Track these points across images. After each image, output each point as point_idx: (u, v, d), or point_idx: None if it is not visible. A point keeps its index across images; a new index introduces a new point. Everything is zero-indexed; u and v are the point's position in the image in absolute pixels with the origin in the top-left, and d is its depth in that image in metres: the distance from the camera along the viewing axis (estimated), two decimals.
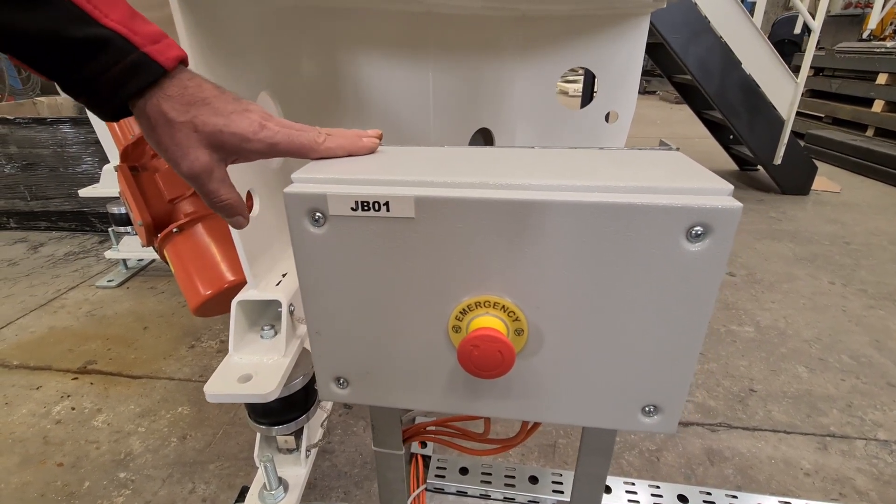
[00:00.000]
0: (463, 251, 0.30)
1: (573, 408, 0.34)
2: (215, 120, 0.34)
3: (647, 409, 0.33)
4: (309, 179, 0.32)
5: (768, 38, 2.16)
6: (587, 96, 2.53)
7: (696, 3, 2.06)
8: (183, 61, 0.34)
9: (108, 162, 1.58)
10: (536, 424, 0.44)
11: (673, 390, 0.32)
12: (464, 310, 0.32)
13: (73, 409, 1.05)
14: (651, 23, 1.21)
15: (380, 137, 0.40)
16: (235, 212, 0.39)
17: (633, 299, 0.30)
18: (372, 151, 0.39)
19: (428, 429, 0.51)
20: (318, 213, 0.31)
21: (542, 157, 0.36)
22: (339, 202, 0.30)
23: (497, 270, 0.31)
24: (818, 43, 2.12)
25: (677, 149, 0.38)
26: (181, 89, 0.34)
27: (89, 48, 0.31)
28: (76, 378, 1.14)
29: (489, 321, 0.31)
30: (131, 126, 0.99)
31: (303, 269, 0.33)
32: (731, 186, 0.28)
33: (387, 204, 0.29)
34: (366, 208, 0.30)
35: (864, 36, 3.96)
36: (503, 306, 0.31)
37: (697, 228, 0.27)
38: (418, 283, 0.32)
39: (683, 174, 0.30)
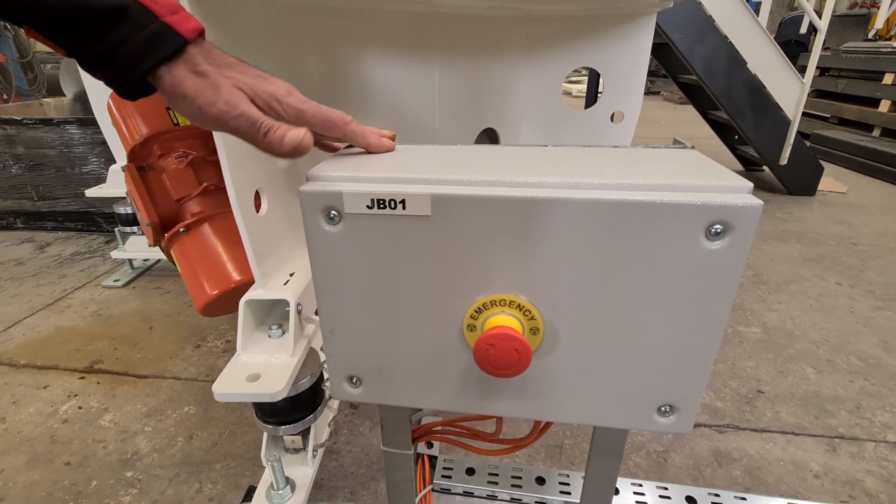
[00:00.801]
0: (479, 249, 0.30)
1: (588, 407, 0.34)
2: (244, 77, 0.33)
3: (662, 408, 0.33)
4: (324, 178, 0.32)
5: (774, 38, 2.16)
6: (592, 96, 2.52)
7: (701, 3, 2.06)
8: (201, 33, 0.34)
9: (115, 162, 1.59)
10: (548, 424, 0.44)
11: (689, 390, 0.32)
12: (479, 308, 0.32)
13: (79, 408, 1.05)
14: (656, 23, 1.21)
15: (393, 139, 0.40)
16: (287, 128, 0.33)
17: (650, 297, 0.29)
18: (389, 151, 0.39)
19: (437, 429, 0.51)
20: (333, 211, 0.31)
21: (556, 155, 0.36)
22: (354, 200, 0.30)
23: (513, 269, 0.30)
24: (824, 43, 2.11)
25: (692, 147, 0.37)
26: (206, 54, 0.33)
27: (110, 17, 0.30)
28: (83, 377, 1.14)
29: (505, 320, 0.31)
30: (138, 126, 1.00)
31: (317, 267, 0.33)
32: (751, 184, 0.28)
33: (403, 202, 0.29)
34: (381, 206, 0.30)
35: (870, 36, 3.94)
36: (518, 305, 0.31)
37: (717, 226, 0.27)
38: (433, 281, 0.32)
39: (701, 172, 0.30)
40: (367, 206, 0.30)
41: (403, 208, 0.29)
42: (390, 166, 0.34)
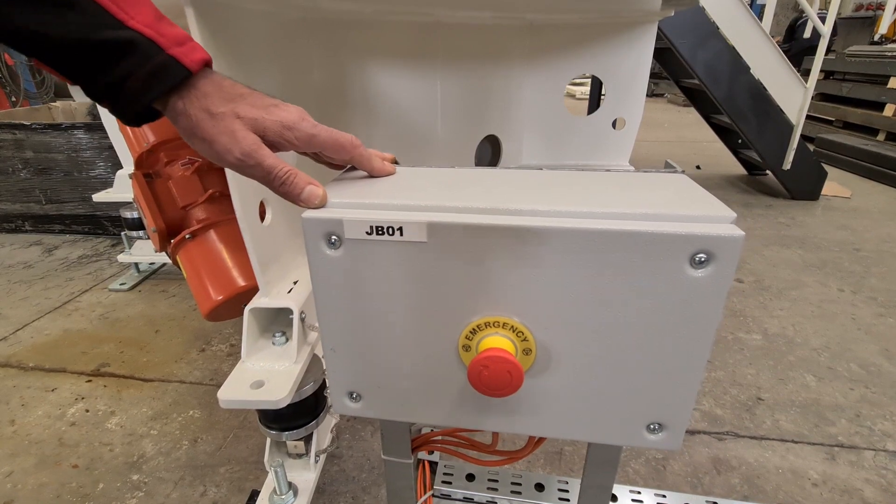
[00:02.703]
0: (473, 273, 0.31)
1: (580, 424, 0.35)
2: (255, 111, 0.35)
3: (651, 426, 0.34)
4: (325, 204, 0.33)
5: (790, 42, 2.15)
6: (594, 102, 2.53)
7: (703, 8, 2.06)
8: (207, 64, 0.35)
9: (122, 167, 1.61)
10: (542, 438, 0.45)
11: (677, 409, 0.33)
12: (473, 329, 0.33)
13: (87, 411, 1.07)
14: (658, 27, 1.22)
15: (394, 161, 0.41)
16: (305, 180, 0.35)
17: (638, 321, 0.31)
18: (390, 175, 0.40)
19: (436, 438, 0.52)
20: (334, 237, 0.32)
21: (550, 181, 0.37)
22: (354, 227, 0.31)
23: (506, 292, 0.32)
24: (829, 46, 2.10)
25: (682, 171, 0.38)
26: (217, 87, 0.34)
27: (116, 51, 0.31)
28: (90, 380, 1.16)
29: (498, 341, 0.32)
30: (146, 134, 1.02)
31: (319, 289, 0.34)
32: (734, 214, 0.29)
33: (400, 229, 0.31)
34: (380, 232, 0.31)
35: (876, 39, 3.92)
36: (512, 326, 0.32)
37: (701, 255, 0.28)
38: (430, 303, 0.33)
39: (688, 200, 0.31)
40: (367, 233, 0.31)
41: (401, 235, 0.31)
42: (389, 192, 0.35)
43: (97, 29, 0.31)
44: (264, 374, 0.66)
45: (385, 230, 0.31)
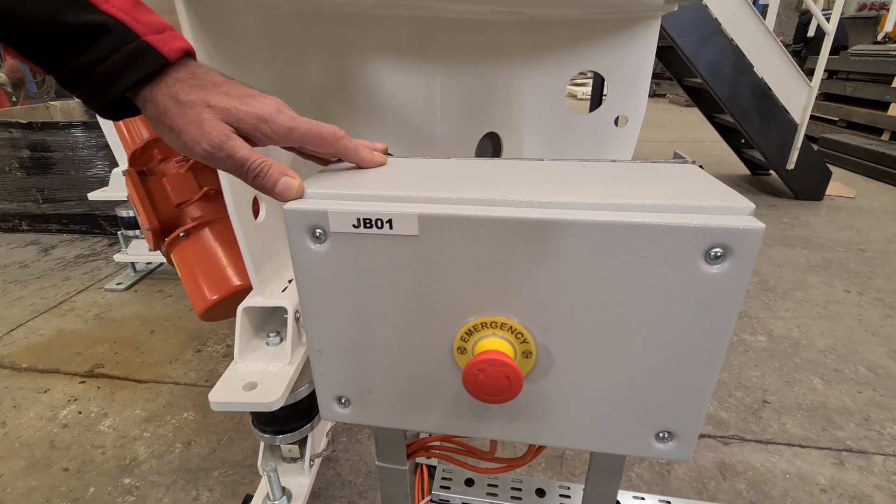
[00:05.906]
0: (469, 270, 0.29)
1: (583, 432, 0.33)
2: (228, 101, 0.32)
3: (661, 434, 0.32)
4: (309, 195, 0.31)
5: (802, 43, 2.14)
6: (596, 100, 2.51)
7: (706, 6, 2.04)
8: (189, 53, 0.33)
9: (118, 165, 1.60)
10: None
11: (689, 416, 0.31)
12: (469, 330, 0.31)
13: (79, 413, 1.05)
14: (661, 25, 1.20)
15: (385, 151, 0.39)
16: (280, 171, 0.32)
17: (647, 322, 0.28)
18: (380, 165, 0.38)
19: (432, 444, 0.50)
20: (318, 230, 0.30)
21: (552, 171, 0.35)
22: (340, 219, 0.29)
23: (504, 290, 0.29)
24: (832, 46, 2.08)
25: (693, 162, 0.36)
26: (190, 75, 0.32)
27: (87, 35, 0.30)
28: (83, 382, 1.15)
29: (496, 343, 0.30)
30: (140, 130, 1.00)
31: (303, 286, 0.32)
32: (753, 205, 0.27)
33: (390, 221, 0.28)
34: (368, 225, 0.29)
35: (879, 38, 3.90)
36: (510, 327, 0.30)
37: (717, 250, 0.26)
38: (422, 301, 0.31)
39: (701, 191, 0.29)
40: (354, 226, 0.29)
41: (391, 228, 0.29)
42: (378, 183, 0.33)
43: (68, 11, 0.29)
44: (258, 375, 0.64)
45: (373, 223, 0.29)
